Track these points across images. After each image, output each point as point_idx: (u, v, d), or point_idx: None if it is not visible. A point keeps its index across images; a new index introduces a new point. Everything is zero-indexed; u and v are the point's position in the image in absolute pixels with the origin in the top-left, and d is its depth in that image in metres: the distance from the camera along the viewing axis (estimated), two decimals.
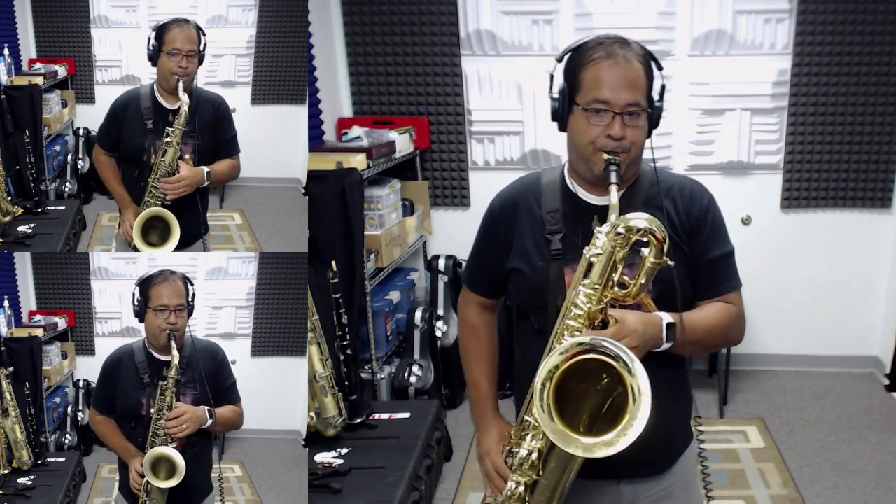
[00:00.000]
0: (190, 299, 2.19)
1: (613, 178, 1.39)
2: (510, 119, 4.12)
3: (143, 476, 2.09)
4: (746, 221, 4.14)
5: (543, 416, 1.28)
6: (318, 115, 3.72)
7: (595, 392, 1.36)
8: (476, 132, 4.19)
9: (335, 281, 3.11)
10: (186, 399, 2.16)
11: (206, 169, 2.43)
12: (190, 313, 2.19)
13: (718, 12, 3.88)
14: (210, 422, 2.15)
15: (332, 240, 3.26)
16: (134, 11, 4.35)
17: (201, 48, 2.38)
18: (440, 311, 4.06)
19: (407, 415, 3.33)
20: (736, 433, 3.67)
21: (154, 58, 2.35)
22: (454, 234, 4.22)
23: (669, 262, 1.34)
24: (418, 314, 3.94)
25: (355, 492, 2.72)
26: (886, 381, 4.11)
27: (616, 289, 1.38)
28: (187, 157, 2.41)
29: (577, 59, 1.46)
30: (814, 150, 4.03)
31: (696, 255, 1.51)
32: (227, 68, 4.70)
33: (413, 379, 3.84)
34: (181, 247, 2.50)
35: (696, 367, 4.23)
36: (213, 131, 2.47)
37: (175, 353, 2.10)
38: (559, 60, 1.50)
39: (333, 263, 3.11)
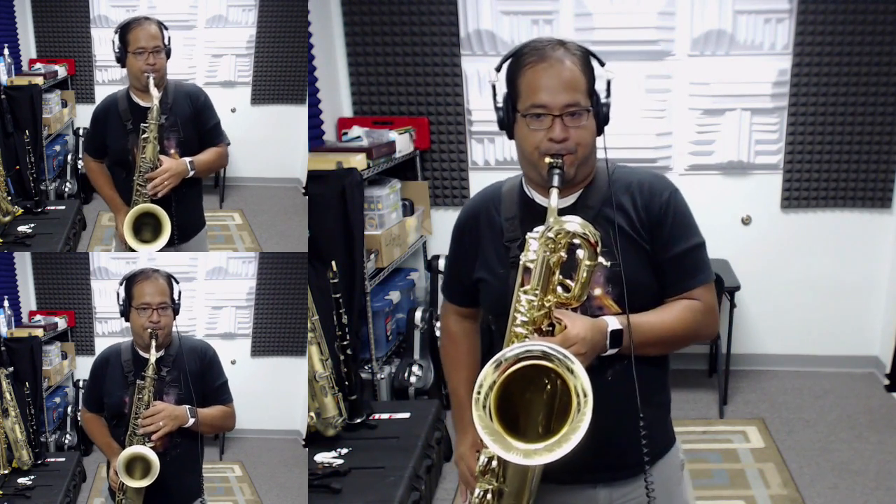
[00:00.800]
0: (175, 297, 2.18)
1: (555, 181, 1.38)
2: None
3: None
4: (746, 221, 4.14)
5: (484, 427, 1.26)
6: (318, 115, 3.72)
7: (543, 398, 1.34)
8: (476, 132, 4.19)
9: (335, 281, 3.11)
10: (170, 398, 2.15)
11: (188, 159, 2.43)
12: (176, 312, 2.18)
13: (718, 12, 3.88)
14: (192, 421, 2.13)
15: (332, 240, 3.26)
16: (134, 11, 4.35)
17: (166, 42, 2.39)
18: (440, 311, 4.06)
19: (407, 415, 3.33)
20: (736, 433, 3.67)
21: (122, 59, 2.37)
22: (450, 239, 4.22)
23: (605, 263, 1.33)
24: (418, 314, 3.94)
25: (355, 492, 2.72)
26: (886, 381, 4.11)
27: (560, 291, 1.36)
28: (172, 151, 2.42)
29: (514, 66, 1.46)
30: (814, 150, 4.03)
31: (660, 251, 1.48)
32: (227, 68, 4.70)
33: (413, 379, 3.84)
34: (182, 240, 2.50)
35: (696, 367, 4.24)
36: (194, 123, 2.48)
37: (153, 351, 2.09)
38: (497, 69, 1.49)
39: (333, 263, 3.11)
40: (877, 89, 3.91)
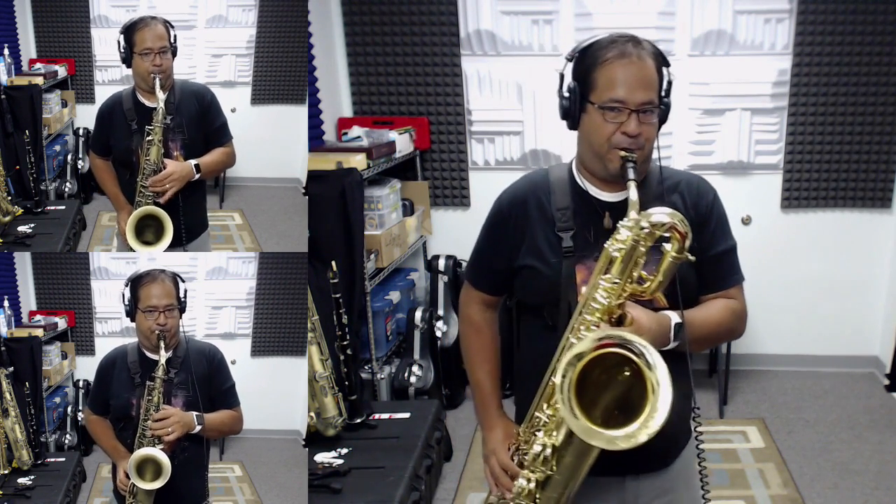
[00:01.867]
0: (181, 298, 2.17)
1: (632, 174, 1.41)
2: (510, 119, 4.12)
3: (129, 477, 2.07)
4: (746, 221, 4.14)
5: (566, 409, 1.28)
6: (318, 115, 3.72)
7: (610, 386, 1.37)
8: (476, 132, 4.19)
9: (335, 281, 3.11)
10: (178, 401, 2.13)
11: (193, 162, 2.41)
12: (182, 312, 2.17)
13: (718, 12, 3.88)
14: (198, 428, 2.12)
15: (332, 240, 3.26)
16: (134, 11, 4.35)
17: (172, 41, 2.37)
18: (440, 311, 4.06)
19: (407, 415, 3.33)
20: (736, 433, 3.67)
21: (127, 60, 2.35)
22: (454, 234, 4.22)
23: (691, 258, 1.36)
24: (418, 314, 3.94)
25: (355, 492, 2.72)
26: (886, 381, 4.11)
27: (634, 284, 1.38)
28: (176, 153, 2.40)
29: (590, 59, 1.47)
30: (814, 150, 4.03)
31: (702, 250, 1.51)
32: (227, 68, 4.71)
33: (413, 379, 3.84)
34: (187, 240, 2.50)
35: (696, 367, 4.20)
36: (200, 123, 2.46)
37: (162, 353, 2.07)
38: (569, 59, 1.50)
39: (333, 263, 3.11)
40: (877, 89, 3.91)
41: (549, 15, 3.97)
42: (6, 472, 3.56)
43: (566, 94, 1.50)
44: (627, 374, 1.33)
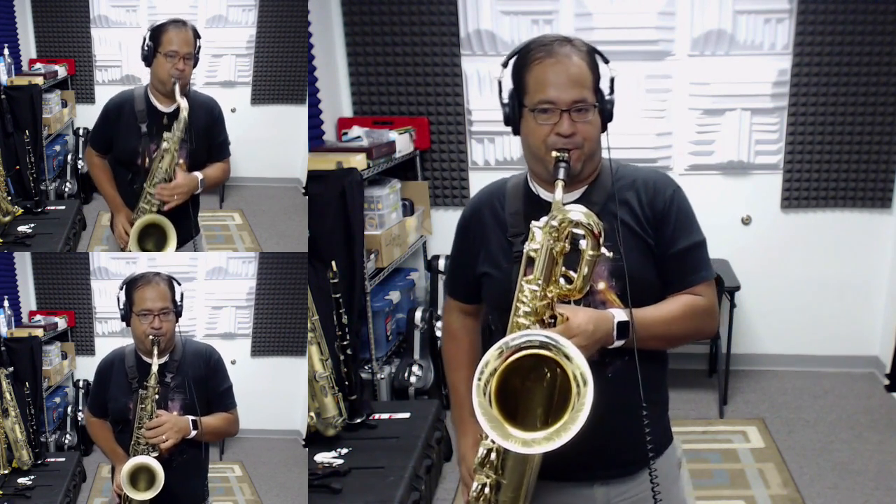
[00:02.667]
0: (177, 301, 2.14)
1: (561, 174, 1.40)
2: None
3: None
4: (746, 221, 4.14)
5: (484, 414, 1.26)
6: (318, 115, 3.72)
7: (543, 390, 1.35)
8: (476, 132, 4.19)
9: (335, 281, 3.11)
10: (175, 404, 2.12)
11: (200, 176, 2.41)
12: (179, 315, 2.13)
13: (718, 12, 3.88)
14: (194, 433, 2.10)
15: (332, 240, 3.26)
16: (134, 11, 4.35)
17: (197, 51, 2.35)
18: (440, 311, 4.07)
19: (407, 415, 3.33)
20: (736, 433, 3.67)
21: (149, 59, 2.32)
22: (454, 234, 4.22)
23: (608, 254, 1.34)
24: (418, 314, 3.94)
25: (355, 492, 2.72)
26: (886, 381, 4.11)
27: (562, 282, 1.37)
28: (181, 161, 2.37)
29: (521, 62, 1.47)
30: (814, 150, 4.03)
31: (663, 248, 1.49)
32: (227, 68, 4.70)
33: (413, 379, 3.84)
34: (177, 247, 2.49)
35: (696, 367, 4.24)
36: (206, 135, 2.44)
37: (155, 360, 2.05)
38: (504, 66, 1.50)
39: (333, 263, 3.11)
40: (877, 89, 3.91)
41: (549, 15, 3.97)
42: (6, 472, 3.56)
43: (505, 101, 1.50)
44: (552, 377, 1.31)
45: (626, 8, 3.92)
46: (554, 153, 1.42)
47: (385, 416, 3.32)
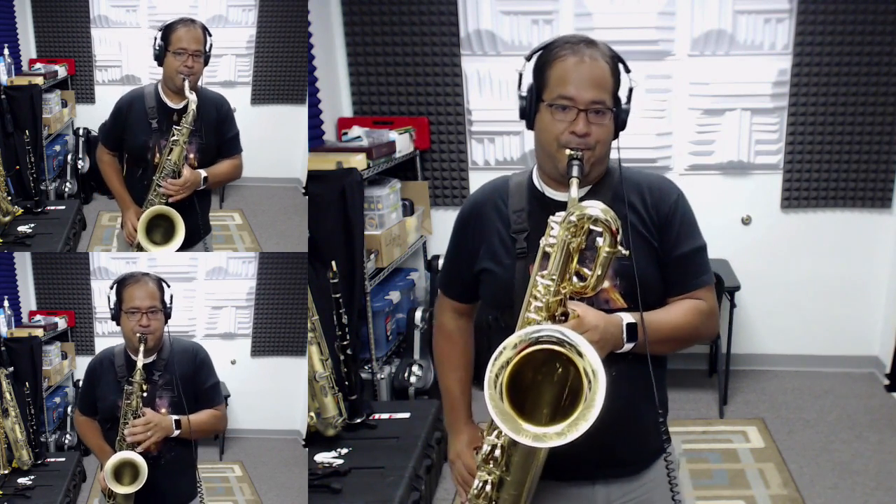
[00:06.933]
0: (166, 301, 2.17)
1: (575, 171, 1.40)
2: (510, 119, 4.10)
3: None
4: (746, 221, 4.14)
5: (495, 407, 1.26)
6: (318, 115, 3.73)
7: (552, 383, 1.35)
8: (476, 132, 4.19)
9: (335, 281, 3.11)
10: (163, 402, 2.13)
11: (203, 174, 2.44)
12: (167, 316, 2.16)
13: (718, 12, 3.88)
14: (177, 433, 2.11)
15: (332, 240, 3.26)
16: (134, 11, 4.36)
17: (207, 48, 2.39)
18: (435, 308, 4.06)
19: (407, 415, 3.34)
20: (736, 433, 3.67)
21: (160, 57, 2.36)
22: (451, 231, 4.22)
23: (624, 251, 1.33)
24: (418, 314, 3.94)
25: (355, 492, 2.72)
26: (886, 381, 4.11)
27: (575, 280, 1.37)
28: (191, 156, 2.41)
29: (545, 58, 1.47)
30: (814, 150, 4.03)
31: (666, 251, 1.50)
32: (227, 68, 4.70)
33: (413, 379, 3.84)
34: (181, 248, 2.49)
35: (696, 367, 4.23)
36: (216, 131, 2.48)
37: (141, 357, 2.07)
38: (528, 59, 1.50)
39: (333, 263, 3.11)
40: (877, 89, 3.91)
41: (549, 15, 3.97)
42: (6, 472, 3.56)
43: (524, 94, 1.51)
44: (564, 369, 1.31)
45: (626, 8, 3.92)
46: (567, 151, 1.42)
47: (385, 416, 3.32)
